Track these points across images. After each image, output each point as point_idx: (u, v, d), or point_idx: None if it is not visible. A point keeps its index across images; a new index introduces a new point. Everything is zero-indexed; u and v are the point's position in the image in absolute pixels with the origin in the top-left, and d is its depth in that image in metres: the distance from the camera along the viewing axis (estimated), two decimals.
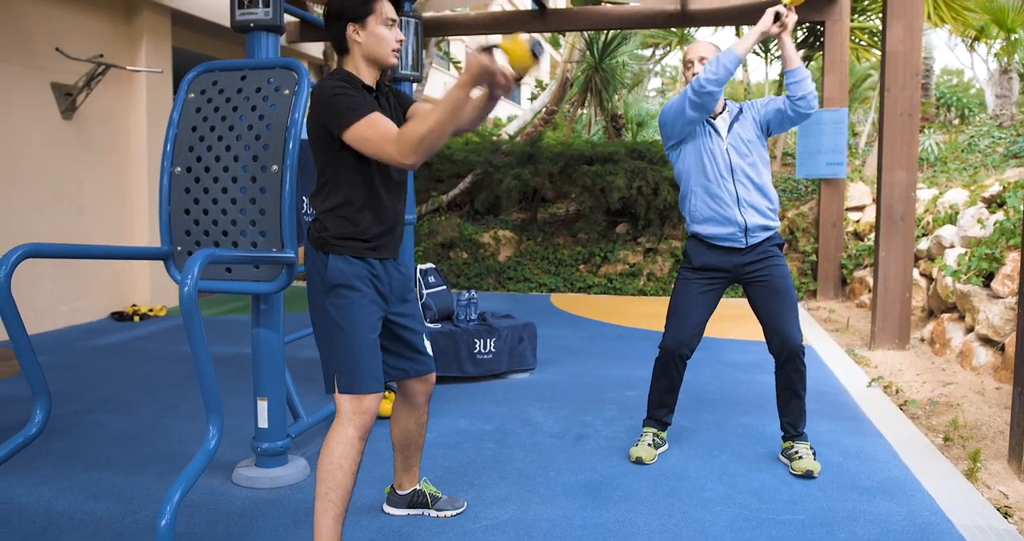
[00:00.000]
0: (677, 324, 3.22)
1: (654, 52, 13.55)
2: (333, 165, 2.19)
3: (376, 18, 2.20)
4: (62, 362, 5.03)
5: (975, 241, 5.50)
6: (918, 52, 5.42)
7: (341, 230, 2.20)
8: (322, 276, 2.20)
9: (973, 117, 11.62)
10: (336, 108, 2.08)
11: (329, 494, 2.14)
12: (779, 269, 3.17)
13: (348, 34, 2.21)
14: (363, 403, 2.18)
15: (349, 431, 2.16)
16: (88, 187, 6.41)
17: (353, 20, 2.19)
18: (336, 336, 2.19)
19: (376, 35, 2.21)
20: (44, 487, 2.94)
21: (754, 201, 3.13)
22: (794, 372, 3.18)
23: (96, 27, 6.41)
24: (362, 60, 2.24)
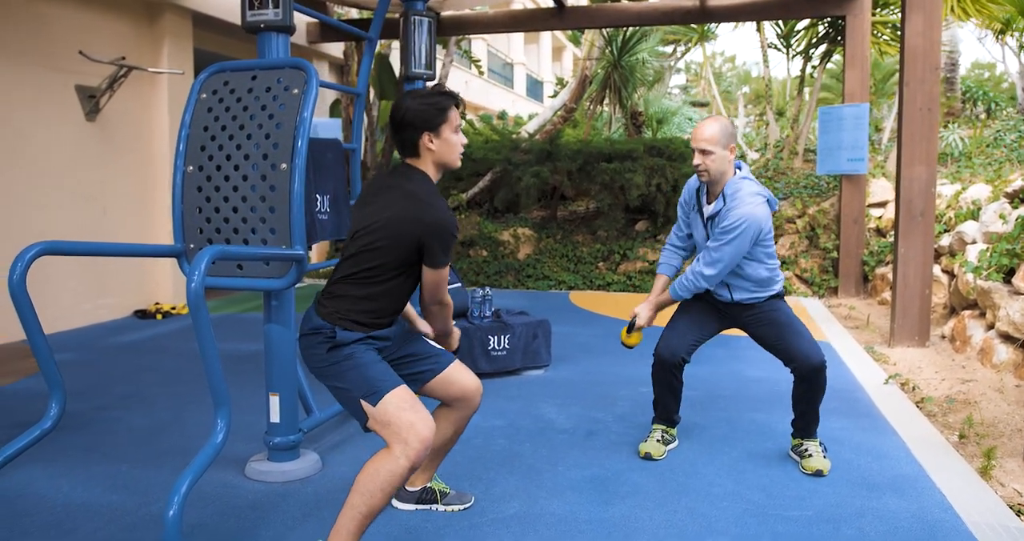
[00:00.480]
0: (671, 332, 3.25)
1: (675, 49, 13.50)
2: (395, 270, 2.25)
3: (449, 126, 2.28)
4: (85, 359, 5.13)
5: (997, 237, 5.43)
6: (937, 46, 5.35)
7: (360, 318, 2.27)
8: (329, 339, 2.24)
9: (1000, 111, 11.43)
10: (446, 247, 2.23)
11: (361, 507, 2.12)
12: (777, 314, 3.15)
13: (422, 142, 2.28)
14: (421, 433, 2.13)
15: (402, 462, 2.11)
16: (112, 187, 6.53)
17: (429, 130, 2.26)
18: (348, 374, 2.22)
19: (449, 142, 2.29)
20: (63, 479, 3.01)
21: (738, 283, 3.16)
22: (816, 385, 3.11)
23: (119, 29, 6.52)
24: (433, 165, 2.32)
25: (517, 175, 9.06)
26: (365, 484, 2.12)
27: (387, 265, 2.25)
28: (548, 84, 26.28)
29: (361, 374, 2.20)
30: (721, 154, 3.00)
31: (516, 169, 9.12)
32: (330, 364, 2.23)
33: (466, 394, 2.49)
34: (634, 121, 11.14)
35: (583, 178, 9.04)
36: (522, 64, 23.89)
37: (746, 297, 3.16)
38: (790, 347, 3.09)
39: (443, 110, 2.27)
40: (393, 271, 2.26)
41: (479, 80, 17.60)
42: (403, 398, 2.18)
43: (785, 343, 3.11)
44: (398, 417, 2.13)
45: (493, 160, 9.45)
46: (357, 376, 2.20)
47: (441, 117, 2.26)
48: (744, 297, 3.16)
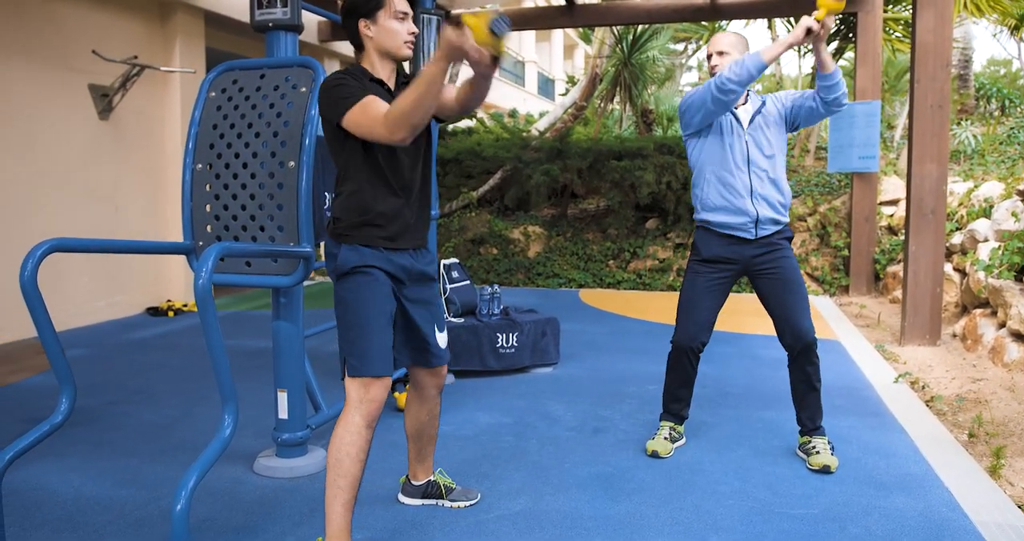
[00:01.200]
0: (687, 318, 3.23)
1: (686, 47, 13.46)
2: (343, 155, 2.24)
3: (386, 12, 2.24)
4: (97, 355, 5.18)
5: (1009, 235, 5.39)
6: (948, 43, 5.32)
7: (350, 219, 2.24)
8: (335, 266, 2.26)
9: (1014, 109, 11.34)
10: (332, 98, 2.13)
11: (337, 480, 2.19)
12: (788, 261, 3.16)
13: (360, 30, 2.26)
14: (370, 391, 2.21)
15: (356, 419, 2.20)
16: (125, 185, 6.58)
17: (364, 15, 2.24)
18: (347, 320, 2.24)
19: (387, 29, 2.25)
20: (74, 474, 3.05)
21: (767, 194, 3.12)
22: (808, 365, 3.16)
23: (131, 29, 6.57)
24: (376, 54, 2.28)
25: (527, 173, 9.06)
26: (332, 454, 2.21)
27: (337, 154, 2.25)
28: (559, 82, 26.24)
29: (360, 334, 2.21)
30: (737, 57, 3.05)
31: (526, 167, 9.13)
32: (336, 297, 2.26)
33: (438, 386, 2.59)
34: (645, 119, 11.12)
35: (593, 176, 9.04)
36: (533, 62, 23.87)
37: (769, 220, 3.13)
38: (791, 311, 3.12)
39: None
40: (342, 157, 2.24)
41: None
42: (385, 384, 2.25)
43: (787, 305, 3.12)
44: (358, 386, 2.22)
45: (503, 158, 9.46)
46: (355, 332, 2.22)
47: (375, 2, 2.23)
48: (768, 222, 3.13)
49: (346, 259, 2.23)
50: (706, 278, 3.21)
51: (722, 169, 3.13)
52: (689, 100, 3.14)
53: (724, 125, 3.15)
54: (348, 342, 2.25)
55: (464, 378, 4.51)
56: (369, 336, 2.22)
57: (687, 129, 3.22)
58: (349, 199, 2.25)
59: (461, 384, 4.40)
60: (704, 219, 3.20)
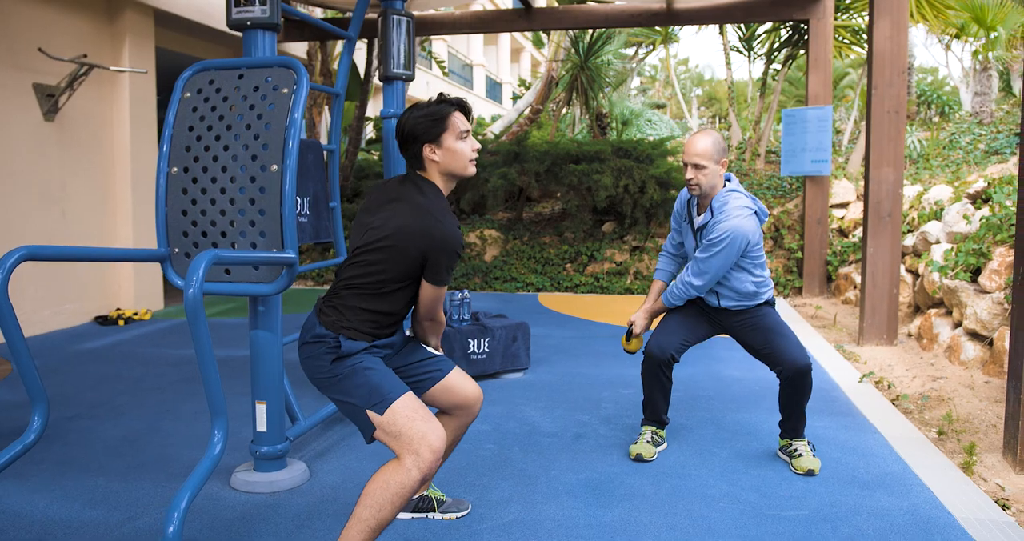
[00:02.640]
0: (662, 331, 3.26)
1: (637, 51, 13.59)
2: (399, 281, 2.21)
3: (451, 134, 2.23)
4: (48, 367, 4.95)
5: (961, 237, 5.56)
6: (904, 50, 5.46)
7: (365, 329, 2.22)
8: (334, 349, 2.18)
9: (953, 114, 11.76)
10: (450, 264, 2.20)
11: (370, 521, 2.04)
12: (767, 317, 3.20)
13: (425, 155, 2.24)
14: (431, 443, 2.07)
15: (414, 474, 2.04)
16: (71, 189, 6.32)
17: (429, 142, 2.22)
18: (353, 385, 2.15)
19: (452, 151, 2.24)
20: (38, 495, 2.89)
21: (725, 293, 3.20)
22: (803, 387, 3.14)
23: (78, 27, 6.32)
24: (440, 176, 2.27)
25: (484, 176, 9.02)
26: (374, 497, 2.04)
27: (391, 275, 2.20)
28: (507, 85, 26.30)
29: (367, 382, 2.14)
30: (713, 169, 3.02)
31: (483, 170, 9.08)
32: (334, 375, 2.17)
33: (467, 401, 2.44)
34: (599, 123, 11.18)
35: (550, 180, 9.04)
36: (481, 65, 23.86)
37: (733, 305, 3.21)
38: (776, 351, 3.12)
39: (440, 119, 2.23)
40: (397, 283, 2.21)
41: (440, 81, 17.52)
42: (412, 407, 2.12)
43: (771, 347, 3.13)
44: (409, 427, 2.07)
45: None
46: (363, 385, 2.14)
47: (440, 127, 2.22)
48: (731, 305, 3.21)
49: (349, 346, 2.19)
50: (691, 308, 3.32)
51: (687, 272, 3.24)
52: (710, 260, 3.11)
53: (686, 235, 3.27)
54: (361, 395, 2.14)
55: None
56: (375, 375, 2.16)
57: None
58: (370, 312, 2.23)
59: None
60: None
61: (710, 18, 8.03)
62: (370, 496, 2.04)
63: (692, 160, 3.01)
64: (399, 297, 2.24)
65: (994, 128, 9.99)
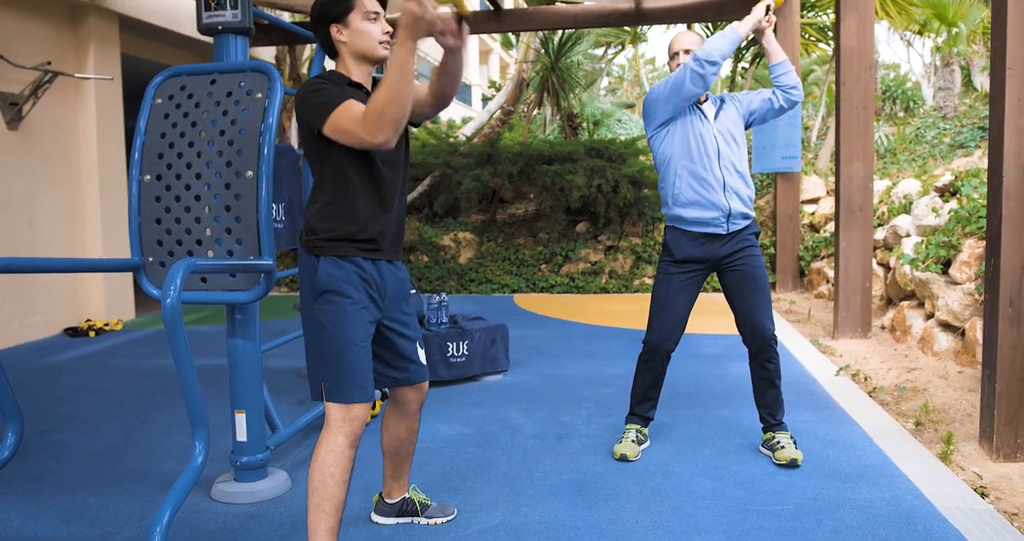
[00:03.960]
0: (661, 319, 3.24)
1: (606, 51, 13.64)
2: (321, 164, 2.15)
3: (357, 14, 2.17)
4: (17, 381, 4.83)
5: (931, 229, 5.64)
6: (871, 46, 5.54)
7: (330, 230, 2.15)
8: (312, 281, 2.15)
9: (917, 109, 11.93)
10: (311, 105, 2.05)
11: (322, 505, 2.08)
12: (756, 259, 3.22)
13: (333, 36, 2.19)
14: (352, 410, 2.13)
15: (339, 439, 2.11)
16: (37, 198, 6.20)
17: (335, 20, 2.17)
18: (324, 343, 2.14)
19: (360, 31, 2.18)
20: (12, 512, 2.82)
21: (738, 188, 3.15)
22: (768, 361, 3.23)
23: (41, 33, 6.19)
24: (351, 59, 2.21)
25: (457, 179, 8.99)
26: (315, 477, 2.11)
27: (316, 162, 2.16)
28: (476, 87, 26.25)
29: (344, 361, 2.11)
30: None
31: (456, 173, 9.05)
32: (312, 315, 2.15)
33: (420, 401, 2.50)
34: (571, 123, 11.21)
35: (523, 181, 9.04)
36: None
37: (740, 214, 3.15)
38: (754, 308, 3.18)
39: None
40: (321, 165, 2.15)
41: None
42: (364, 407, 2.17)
43: (751, 302, 3.18)
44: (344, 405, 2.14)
45: (432, 164, 9.36)
46: (336, 356, 2.12)
47: (344, 5, 2.17)
48: (739, 216, 3.15)
49: (328, 274, 2.12)
50: (678, 278, 3.23)
51: (693, 163, 3.14)
52: (656, 91, 3.15)
53: (692, 120, 3.16)
54: (325, 365, 2.14)
55: None
56: (351, 361, 2.12)
57: (654, 121, 3.21)
58: (329, 209, 2.15)
59: None
60: (676, 216, 3.19)
61: (680, 17, 8.08)
62: (311, 482, 2.10)
63: (684, 46, 3.15)
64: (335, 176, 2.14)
65: (958, 122, 10.16)
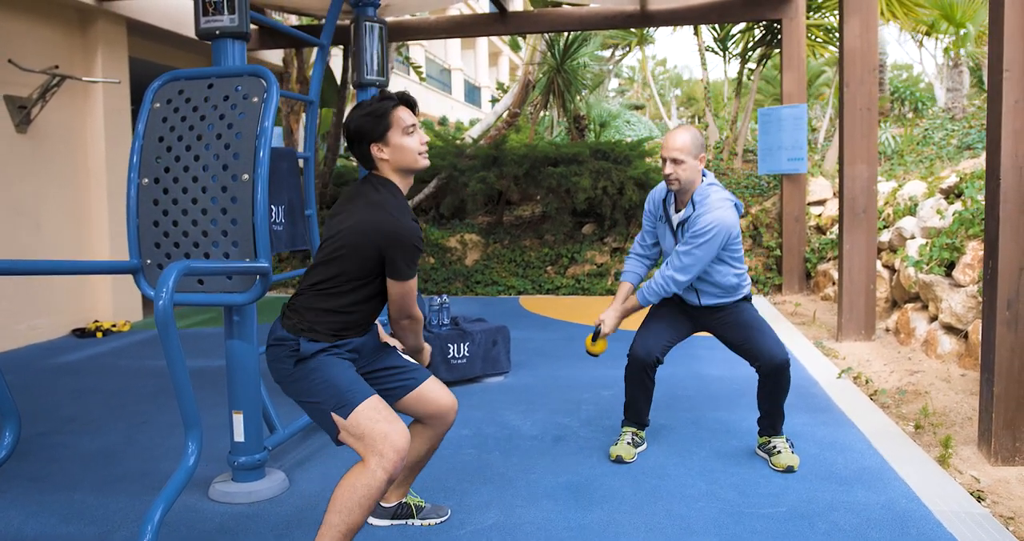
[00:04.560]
0: (646, 333, 3.27)
1: (613, 52, 13.65)
2: (357, 280, 2.20)
3: (396, 131, 2.21)
4: (23, 382, 4.89)
5: (935, 232, 5.62)
6: (874, 48, 5.52)
7: (323, 329, 2.20)
8: (294, 352, 2.18)
9: (926, 110, 11.88)
10: (408, 259, 2.16)
11: (340, 526, 2.05)
12: (743, 314, 3.22)
13: (373, 154, 2.23)
14: (395, 443, 2.07)
15: (379, 475, 2.05)
16: (45, 201, 6.26)
17: (375, 140, 2.21)
18: (316, 387, 2.15)
19: (400, 147, 2.22)
20: (12, 511, 2.86)
21: (706, 289, 3.21)
22: (780, 383, 3.17)
23: (49, 37, 6.26)
24: (393, 172, 2.26)
25: (463, 181, 9.02)
26: (342, 501, 2.05)
27: (349, 275, 2.19)
28: (486, 89, 26.31)
29: (330, 385, 2.13)
30: (692, 164, 3.02)
31: (462, 175, 9.08)
32: (298, 378, 2.17)
33: (440, 411, 2.43)
34: (577, 125, 11.21)
35: (529, 183, 9.06)
36: (459, 70, 23.86)
37: (714, 302, 3.21)
38: (754, 346, 3.14)
39: (383, 116, 2.21)
40: (355, 281, 2.20)
41: (418, 86, 17.50)
42: (376, 408, 2.11)
43: (750, 343, 3.16)
44: (372, 429, 2.07)
45: (438, 166, 9.39)
46: (326, 388, 2.13)
47: (383, 124, 2.21)
48: (712, 302, 3.21)
49: (308, 348, 2.18)
50: (669, 307, 3.32)
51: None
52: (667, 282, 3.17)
53: (662, 233, 3.27)
54: (325, 397, 2.14)
55: None
56: (340, 378, 2.15)
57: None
58: (331, 314, 2.21)
59: None
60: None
61: (684, 19, 8.08)
62: (338, 501, 2.04)
63: (671, 154, 3.00)
64: (359, 295, 2.21)
65: (966, 123, 10.11)
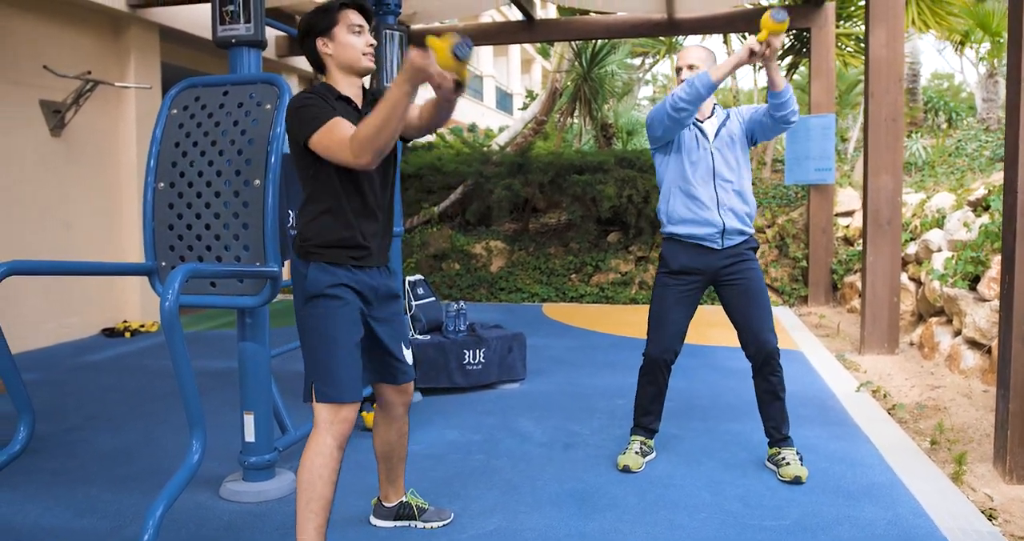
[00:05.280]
0: (659, 331, 3.25)
1: (643, 61, 13.63)
2: (310, 175, 2.22)
3: (342, 27, 2.25)
4: (50, 379, 5.02)
5: (961, 245, 5.53)
6: (901, 58, 5.46)
7: (321, 238, 2.22)
8: (302, 286, 2.22)
9: (961, 121, 11.68)
10: (299, 119, 2.13)
11: (310, 504, 2.15)
12: (754, 272, 3.21)
13: (319, 49, 2.26)
14: (341, 412, 2.19)
15: (327, 440, 2.17)
16: (77, 203, 6.42)
17: (320, 34, 2.25)
18: (315, 345, 2.21)
19: (344, 44, 2.25)
20: (30, 504, 2.94)
21: (733, 205, 3.16)
22: (772, 375, 3.21)
23: (84, 44, 6.43)
24: (338, 72, 2.28)
25: (489, 188, 9.07)
26: (303, 478, 2.17)
27: (304, 174, 2.22)
28: (518, 96, 26.37)
29: (328, 362, 2.18)
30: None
31: (488, 182, 9.13)
32: (303, 321, 2.22)
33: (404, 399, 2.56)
34: (604, 133, 11.22)
35: (555, 190, 9.08)
36: (491, 77, 23.97)
37: (736, 231, 3.16)
38: (754, 322, 3.17)
39: (330, 11, 2.25)
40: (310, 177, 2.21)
41: None
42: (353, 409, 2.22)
43: (751, 316, 3.18)
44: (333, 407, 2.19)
45: (465, 173, 9.45)
46: (323, 360, 2.19)
47: (329, 19, 2.24)
48: (734, 232, 3.16)
49: (316, 279, 2.19)
50: (675, 290, 3.23)
51: (687, 183, 3.17)
52: (652, 115, 3.18)
53: (689, 139, 3.18)
54: (316, 366, 2.21)
55: (431, 395, 4.47)
56: (339, 362, 2.19)
57: (652, 143, 3.26)
58: (318, 218, 2.22)
59: (428, 402, 4.35)
60: (671, 232, 3.23)
61: (712, 28, 8.06)
62: (300, 480, 2.16)
63: (689, 61, 3.11)
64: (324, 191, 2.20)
65: (1001, 134, 9.92)
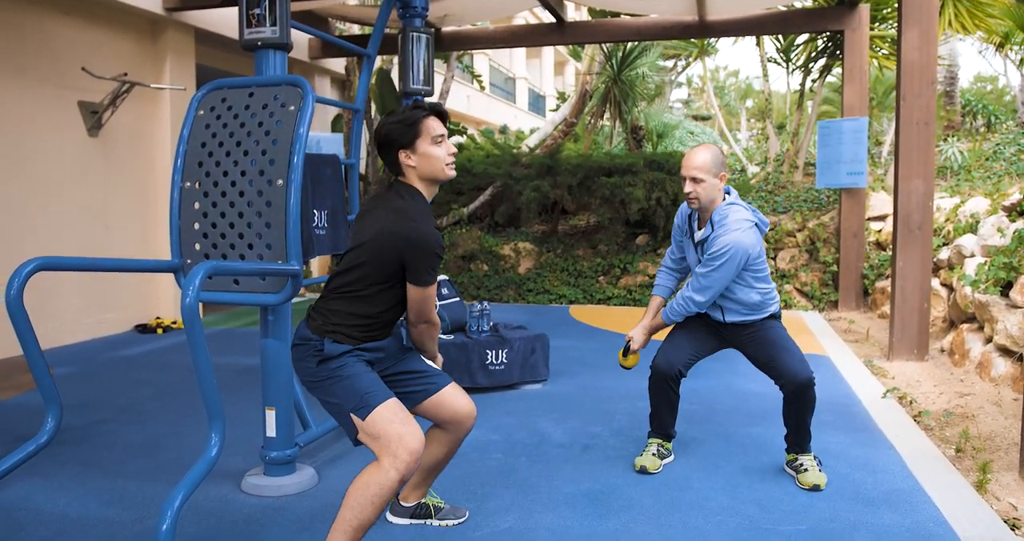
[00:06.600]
0: (669, 346, 3.28)
1: (675, 63, 13.57)
2: (380, 283, 2.27)
3: (424, 139, 2.28)
4: (84, 373, 5.15)
5: (995, 250, 5.43)
6: (933, 60, 5.38)
7: (350, 327, 2.28)
8: (318, 352, 2.25)
9: (1000, 124, 11.45)
10: (428, 265, 2.22)
11: (352, 521, 2.13)
12: (769, 331, 3.18)
13: (401, 161, 2.30)
14: (408, 445, 2.14)
15: (391, 474, 2.12)
16: (114, 202, 6.57)
17: (403, 147, 2.28)
18: (334, 390, 2.24)
19: (428, 155, 2.29)
20: (60, 493, 3.03)
21: (729, 306, 3.20)
22: (804, 402, 3.12)
23: (121, 46, 6.59)
24: (419, 181, 2.33)
25: (518, 189, 9.09)
26: (355, 498, 2.13)
27: (371, 279, 2.26)
28: (550, 98, 26.38)
29: (351, 386, 2.21)
30: (711, 182, 3.04)
31: (517, 183, 9.16)
32: (320, 378, 2.25)
33: (457, 417, 2.48)
34: (634, 135, 11.18)
35: (583, 192, 9.07)
36: (524, 79, 23.99)
37: (739, 319, 3.20)
38: (778, 365, 3.11)
39: (412, 125, 2.28)
40: (377, 286, 2.27)
41: (481, 95, 17.69)
42: (393, 410, 2.19)
43: (774, 361, 3.13)
44: (387, 430, 2.14)
45: (494, 174, 9.49)
46: (347, 389, 2.21)
47: (412, 132, 2.27)
48: (737, 319, 3.20)
49: (332, 349, 2.25)
50: (697, 322, 3.31)
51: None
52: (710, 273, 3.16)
53: (687, 247, 3.30)
54: (345, 401, 2.22)
55: None
56: (360, 381, 2.23)
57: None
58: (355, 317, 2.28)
59: None
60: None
61: (743, 30, 8.00)
62: (352, 498, 2.13)
63: (690, 173, 3.05)
64: (382, 299, 2.29)
65: None
